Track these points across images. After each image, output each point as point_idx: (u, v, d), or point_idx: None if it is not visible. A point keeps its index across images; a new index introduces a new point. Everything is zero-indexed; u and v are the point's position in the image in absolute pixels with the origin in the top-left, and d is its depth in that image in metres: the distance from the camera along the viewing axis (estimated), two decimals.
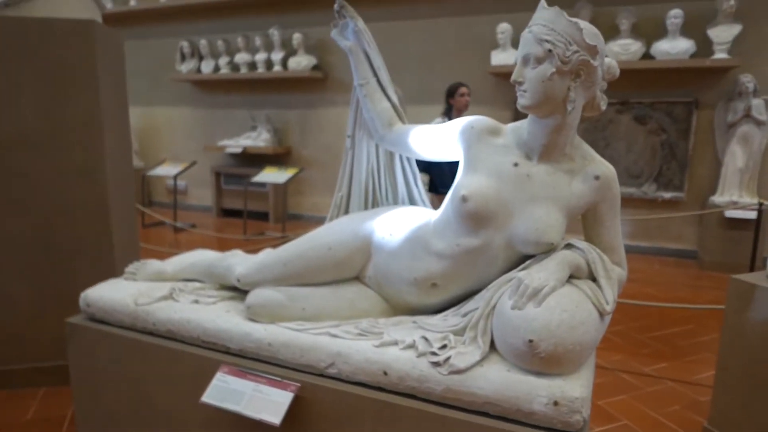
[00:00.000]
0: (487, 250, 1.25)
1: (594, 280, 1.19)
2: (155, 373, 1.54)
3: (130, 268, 1.83)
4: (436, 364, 1.16)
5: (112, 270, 2.37)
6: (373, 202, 1.68)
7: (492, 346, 1.18)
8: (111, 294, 1.66)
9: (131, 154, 2.82)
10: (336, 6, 1.54)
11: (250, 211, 6.23)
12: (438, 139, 1.40)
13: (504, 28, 5.39)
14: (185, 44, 7.22)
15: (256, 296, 1.45)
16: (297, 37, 6.39)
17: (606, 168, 1.26)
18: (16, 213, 2.35)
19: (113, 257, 2.44)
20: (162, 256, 1.98)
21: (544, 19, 1.16)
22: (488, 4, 5.65)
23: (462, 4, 5.77)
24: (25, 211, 2.35)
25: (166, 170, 6.33)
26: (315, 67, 6.49)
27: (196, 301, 1.58)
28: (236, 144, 6.75)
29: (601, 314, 1.14)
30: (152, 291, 1.65)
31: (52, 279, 2.39)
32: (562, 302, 1.09)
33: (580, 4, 5.17)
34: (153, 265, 1.82)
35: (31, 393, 2.36)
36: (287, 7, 6.53)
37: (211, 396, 1.34)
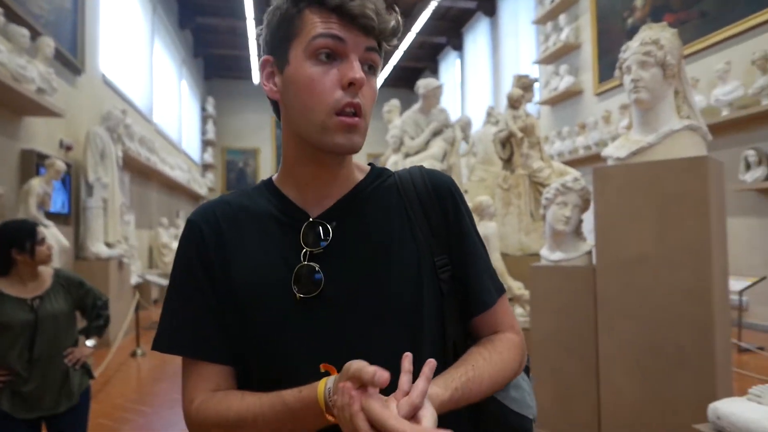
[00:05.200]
0: None
1: None
2: None
3: (754, 390, 1.89)
4: None
5: (712, 387, 2.49)
6: None
7: None
8: (744, 413, 1.76)
9: (728, 274, 2.91)
10: None
11: None
12: None
13: None
14: (751, 152, 6.84)
15: None
16: None
17: None
18: (628, 317, 2.84)
19: (714, 374, 2.55)
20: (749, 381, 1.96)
21: None
22: None
23: None
24: (636, 317, 2.81)
25: (731, 285, 6.00)
26: None
27: None
28: None
29: None
30: None
31: (655, 379, 2.71)
32: None
33: None
34: None
35: None
36: None
37: None
